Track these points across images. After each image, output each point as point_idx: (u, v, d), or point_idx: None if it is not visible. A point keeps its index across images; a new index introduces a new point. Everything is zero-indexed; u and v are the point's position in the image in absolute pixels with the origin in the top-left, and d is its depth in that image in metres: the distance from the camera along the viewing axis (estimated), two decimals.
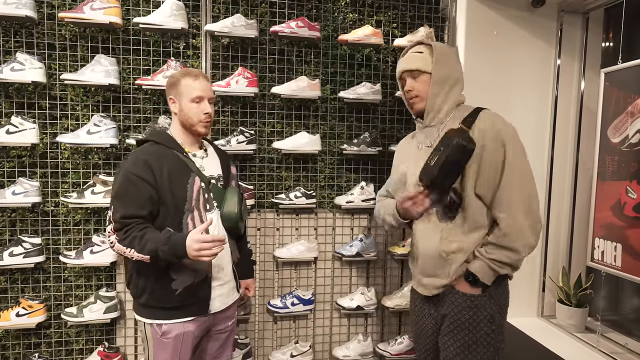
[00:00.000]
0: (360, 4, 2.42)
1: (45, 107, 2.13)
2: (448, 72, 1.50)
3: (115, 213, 1.44)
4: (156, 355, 1.53)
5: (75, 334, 2.22)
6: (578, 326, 2.32)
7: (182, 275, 1.49)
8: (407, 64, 1.53)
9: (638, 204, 1.87)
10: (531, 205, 1.42)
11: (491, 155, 1.41)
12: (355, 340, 2.39)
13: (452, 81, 1.51)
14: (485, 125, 1.43)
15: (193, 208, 1.51)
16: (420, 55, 1.52)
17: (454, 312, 1.47)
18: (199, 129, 1.57)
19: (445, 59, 1.50)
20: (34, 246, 2.04)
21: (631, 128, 1.91)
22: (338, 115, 2.43)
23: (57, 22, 2.10)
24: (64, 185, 2.17)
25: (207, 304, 1.55)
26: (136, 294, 1.52)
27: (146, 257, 1.40)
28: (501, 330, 1.48)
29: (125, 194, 1.45)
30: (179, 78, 1.56)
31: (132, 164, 1.48)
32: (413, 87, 1.52)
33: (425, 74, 1.50)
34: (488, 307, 1.45)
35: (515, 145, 1.44)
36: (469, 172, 1.42)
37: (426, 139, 1.56)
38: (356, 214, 2.44)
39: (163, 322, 1.51)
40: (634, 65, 1.91)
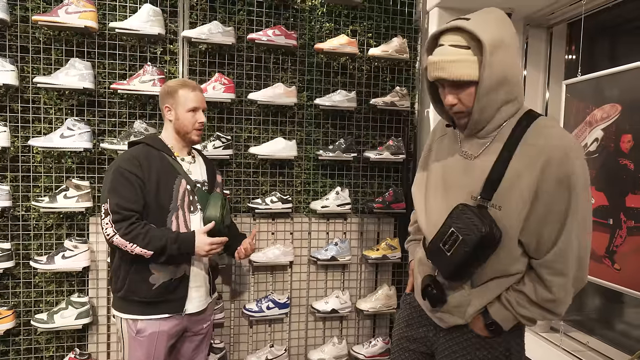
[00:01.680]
0: (336, 14, 2.48)
1: (16, 110, 2.11)
2: (503, 72, 1.05)
3: (113, 204, 1.49)
4: (131, 353, 1.56)
5: (46, 341, 2.18)
6: (543, 326, 2.42)
7: (160, 272, 1.54)
8: (447, 72, 1.06)
9: (596, 208, 1.97)
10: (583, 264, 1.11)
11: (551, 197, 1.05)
12: (330, 343, 2.42)
13: (509, 85, 1.07)
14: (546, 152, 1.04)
15: (178, 208, 1.59)
16: (464, 55, 1.05)
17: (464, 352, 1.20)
18: (193, 136, 1.67)
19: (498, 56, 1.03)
20: (3, 251, 2.01)
21: (589, 137, 2.02)
22: (314, 121, 2.48)
23: (30, 25, 2.09)
24: (36, 189, 2.14)
25: (183, 303, 1.59)
26: (116, 288, 1.56)
27: (149, 252, 1.47)
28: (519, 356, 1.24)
29: (119, 187, 1.51)
30: (176, 88, 1.64)
31: (123, 161, 1.55)
32: (459, 100, 1.09)
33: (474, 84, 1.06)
34: (504, 342, 1.18)
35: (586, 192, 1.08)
36: None
37: (468, 148, 1.18)
38: (331, 219, 2.48)
39: (138, 318, 1.54)
40: (591, 78, 2.02)
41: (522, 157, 1.07)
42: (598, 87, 1.99)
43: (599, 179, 1.96)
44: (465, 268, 1.12)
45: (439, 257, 1.15)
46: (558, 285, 1.09)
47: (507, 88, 1.07)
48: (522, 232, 1.08)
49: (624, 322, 2.26)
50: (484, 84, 1.04)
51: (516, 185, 1.07)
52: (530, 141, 1.07)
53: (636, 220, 1.77)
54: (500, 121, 1.11)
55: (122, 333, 1.58)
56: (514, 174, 1.07)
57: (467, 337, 1.20)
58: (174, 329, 1.60)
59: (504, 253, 1.10)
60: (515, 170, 1.07)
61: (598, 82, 1.99)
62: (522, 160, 1.07)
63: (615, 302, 2.31)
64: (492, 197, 1.09)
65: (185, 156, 1.70)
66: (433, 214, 1.21)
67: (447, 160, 1.22)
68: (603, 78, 1.96)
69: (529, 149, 1.07)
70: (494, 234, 1.05)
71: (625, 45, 2.33)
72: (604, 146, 1.93)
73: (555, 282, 1.09)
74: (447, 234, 1.11)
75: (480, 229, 1.04)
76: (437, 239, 1.14)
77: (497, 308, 1.15)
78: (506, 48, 1.05)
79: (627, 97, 1.83)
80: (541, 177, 1.04)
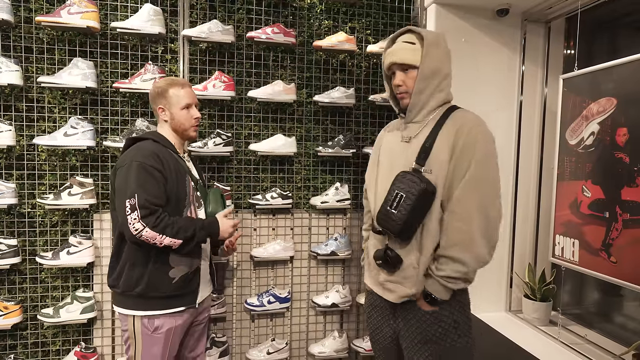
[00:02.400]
0: (334, 11, 2.51)
1: (21, 109, 2.15)
2: (437, 65, 1.39)
3: (142, 199, 1.46)
4: (145, 350, 1.55)
5: (52, 335, 2.23)
6: (542, 319, 2.44)
7: (179, 265, 1.57)
8: (397, 56, 1.40)
9: (593, 202, 1.99)
10: (490, 219, 1.32)
11: (462, 161, 1.32)
12: (330, 337, 2.45)
13: (441, 76, 1.40)
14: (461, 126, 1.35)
15: (190, 203, 1.63)
16: (411, 47, 1.39)
17: (418, 330, 1.39)
18: (191, 133, 1.69)
19: (436, 51, 1.38)
20: (9, 247, 2.06)
21: (586, 131, 2.03)
22: (313, 118, 2.51)
23: (34, 26, 2.13)
24: (41, 187, 2.19)
25: (196, 294, 1.64)
26: (129, 287, 1.53)
27: (178, 241, 1.50)
28: (467, 330, 1.42)
29: (146, 183, 1.49)
30: (166, 88, 1.64)
31: (144, 157, 1.52)
32: (404, 82, 1.41)
33: (416, 69, 1.38)
34: (449, 314, 1.38)
35: (489, 156, 1.35)
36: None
37: (406, 132, 1.45)
38: (331, 214, 2.51)
39: (156, 314, 1.55)
40: (588, 72, 2.03)
41: (444, 133, 1.37)
42: (594, 81, 2.00)
43: (595, 173, 1.97)
44: (410, 223, 1.33)
45: (387, 219, 1.35)
46: (459, 230, 1.30)
47: (438, 79, 1.40)
48: (444, 192, 1.34)
49: (621, 315, 2.27)
50: (423, 69, 1.37)
51: (440, 152, 1.35)
52: (450, 122, 1.38)
53: (632, 213, 1.78)
54: (432, 107, 1.42)
55: (135, 332, 1.56)
56: (439, 144, 1.36)
57: (419, 317, 1.39)
58: (187, 322, 1.64)
59: (435, 214, 1.33)
60: (440, 142, 1.36)
61: (594, 76, 2.00)
62: (444, 135, 1.36)
63: (613, 295, 2.33)
64: (425, 164, 1.36)
65: (183, 155, 1.73)
66: (380, 189, 1.46)
67: (391, 147, 1.50)
68: (599, 72, 1.97)
69: (449, 126, 1.37)
70: (430, 188, 1.31)
71: (622, 39, 2.34)
72: (600, 140, 1.94)
73: (456, 226, 1.31)
74: (392, 197, 1.34)
75: (419, 184, 1.30)
76: (384, 204, 1.37)
77: (429, 281, 1.36)
78: (441, 50, 1.40)
79: (622, 91, 1.84)
80: (454, 144, 1.34)
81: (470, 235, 1.30)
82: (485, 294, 2.60)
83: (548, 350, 2.14)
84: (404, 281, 1.39)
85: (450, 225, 1.32)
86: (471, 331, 1.44)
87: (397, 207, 1.33)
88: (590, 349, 2.17)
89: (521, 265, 2.65)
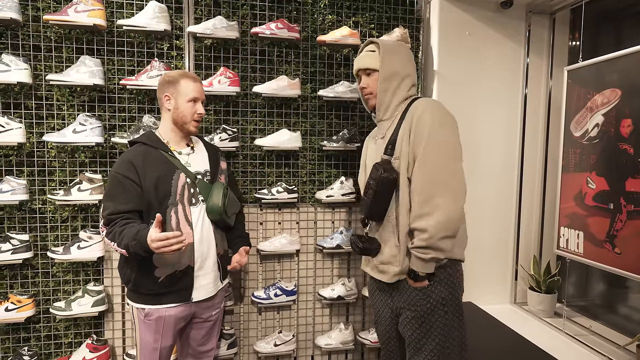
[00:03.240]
0: (338, 5, 2.51)
1: (31, 107, 2.19)
2: (395, 68, 1.59)
3: (104, 210, 1.60)
4: (141, 335, 1.65)
5: (64, 328, 2.28)
6: (547, 311, 2.45)
7: (164, 266, 1.59)
8: (361, 62, 1.65)
9: (597, 193, 1.99)
10: (449, 183, 1.42)
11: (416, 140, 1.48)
12: (336, 329, 2.48)
13: (400, 77, 1.60)
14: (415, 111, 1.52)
15: (177, 202, 1.61)
16: (372, 54, 1.62)
17: (409, 305, 1.53)
18: (190, 127, 1.70)
19: (391, 57, 1.59)
20: (21, 243, 2.10)
21: (590, 122, 2.03)
22: (318, 113, 2.52)
23: (42, 24, 2.16)
24: (51, 183, 2.23)
25: (189, 292, 1.65)
26: (124, 281, 1.66)
27: (123, 250, 1.53)
28: (457, 309, 1.54)
29: (112, 192, 1.60)
30: (177, 78, 1.68)
31: (118, 166, 1.62)
32: (367, 85, 1.64)
33: (377, 72, 1.60)
34: (438, 292, 1.51)
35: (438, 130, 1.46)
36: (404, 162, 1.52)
37: (379, 132, 1.66)
38: (336, 208, 2.54)
39: (146, 307, 1.62)
40: (592, 64, 2.03)
41: (405, 122, 1.54)
42: (599, 72, 2.00)
43: (600, 164, 1.98)
44: (375, 206, 1.53)
45: (363, 207, 1.59)
46: (419, 202, 1.44)
47: (397, 80, 1.59)
48: (409, 171, 1.50)
49: (625, 306, 2.28)
50: (382, 72, 1.59)
51: (402, 140, 1.52)
52: (409, 112, 1.55)
53: (636, 204, 1.79)
54: (395, 103, 1.61)
55: (134, 319, 1.68)
56: (401, 133, 1.54)
57: (409, 293, 1.53)
58: (181, 315, 1.66)
59: (405, 194, 1.50)
60: (402, 131, 1.54)
61: (598, 68, 2.00)
62: (404, 124, 1.54)
63: (617, 286, 2.34)
64: (393, 153, 1.54)
65: (183, 148, 1.72)
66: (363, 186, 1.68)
67: (371, 147, 1.71)
68: (603, 63, 1.97)
69: (408, 116, 1.54)
70: (389, 175, 1.49)
71: (627, 30, 2.32)
72: (605, 131, 1.95)
73: (417, 200, 1.45)
74: (366, 188, 1.56)
75: (379, 172, 1.49)
76: (363, 195, 1.61)
77: (412, 258, 1.48)
78: (399, 56, 1.61)
79: (626, 82, 1.84)
80: (409, 129, 1.50)
81: (432, 204, 1.42)
82: (490, 287, 2.61)
83: (553, 342, 2.15)
84: (392, 260, 1.55)
85: (413, 200, 1.47)
86: (460, 311, 1.57)
87: (367, 194, 1.55)
88: (594, 340, 2.18)
89: (526, 258, 2.66)
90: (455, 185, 1.44)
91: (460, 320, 1.56)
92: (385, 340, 1.72)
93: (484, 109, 2.54)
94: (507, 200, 2.61)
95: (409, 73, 1.62)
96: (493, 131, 2.56)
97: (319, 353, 2.56)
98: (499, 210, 2.60)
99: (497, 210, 2.60)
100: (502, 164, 2.59)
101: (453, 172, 1.45)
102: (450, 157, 1.46)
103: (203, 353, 1.81)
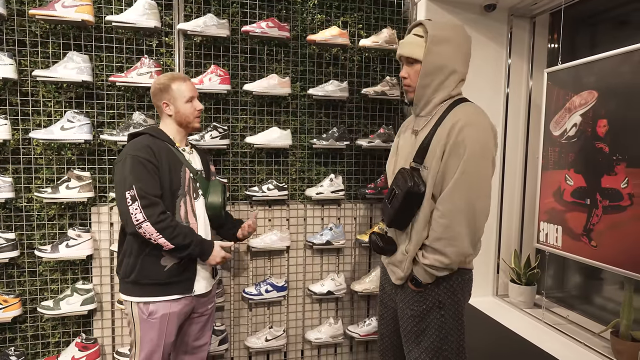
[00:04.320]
0: (327, 5, 2.55)
1: (15, 103, 2.14)
2: (441, 61, 1.40)
3: (138, 188, 1.53)
4: (143, 335, 1.63)
5: (51, 327, 2.25)
6: (527, 302, 2.56)
7: (171, 254, 1.62)
8: (404, 49, 1.45)
9: (575, 190, 2.10)
10: (475, 217, 1.37)
11: (451, 159, 1.37)
12: (326, 324, 2.53)
13: (445, 72, 1.41)
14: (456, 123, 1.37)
15: (185, 194, 1.67)
16: (418, 40, 1.41)
17: (408, 304, 1.53)
18: (195, 124, 1.76)
19: (439, 47, 1.38)
20: (7, 241, 2.06)
21: (569, 122, 2.13)
22: (308, 111, 2.56)
23: (27, 19, 2.12)
24: (37, 180, 2.19)
25: (191, 283, 1.68)
26: (126, 273, 1.63)
27: (171, 246, 1.55)
28: (454, 312, 1.50)
29: (140, 174, 1.55)
30: (168, 83, 1.70)
31: (137, 149, 1.59)
32: (408, 75, 1.46)
33: (419, 63, 1.41)
34: (435, 294, 1.48)
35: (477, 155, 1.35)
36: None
37: (416, 124, 1.53)
38: (326, 205, 2.58)
39: (150, 300, 1.61)
40: (570, 66, 2.13)
41: (441, 129, 1.40)
42: (577, 75, 2.10)
43: (578, 162, 2.08)
44: (400, 216, 1.45)
45: (384, 211, 1.52)
46: (442, 225, 1.37)
47: (442, 76, 1.42)
48: (435, 186, 1.40)
49: (600, 297, 2.41)
50: (425, 65, 1.40)
51: (436, 149, 1.40)
52: (449, 118, 1.40)
53: (611, 199, 1.89)
54: (437, 102, 1.46)
55: (133, 316, 1.64)
56: (435, 141, 1.41)
57: (409, 294, 1.52)
58: (184, 310, 1.69)
59: (426, 207, 1.41)
60: (436, 139, 1.40)
61: (577, 70, 2.10)
62: (440, 132, 1.40)
63: (592, 278, 2.46)
64: (423, 161, 1.43)
65: (185, 147, 1.79)
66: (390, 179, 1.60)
67: (405, 139, 1.59)
68: (581, 66, 2.07)
69: (447, 123, 1.39)
70: (418, 187, 1.39)
71: (603, 35, 2.44)
72: (582, 131, 2.05)
73: (441, 222, 1.38)
74: (390, 192, 1.47)
75: (408, 184, 1.39)
76: (385, 197, 1.51)
77: (416, 266, 1.47)
78: (448, 45, 1.39)
79: (603, 84, 1.94)
80: (447, 140, 1.37)
81: (454, 232, 1.37)
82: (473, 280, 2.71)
83: (533, 331, 2.25)
84: (399, 264, 1.54)
85: (436, 221, 1.39)
86: (460, 315, 1.52)
87: (391, 202, 1.46)
88: (572, 329, 2.30)
89: (507, 252, 2.76)
90: (480, 221, 1.39)
91: (458, 324, 1.52)
92: (383, 336, 1.73)
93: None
94: None
95: (456, 68, 1.42)
96: None
97: (308, 347, 2.61)
98: None
99: None
100: None
101: (481, 208, 1.38)
102: (483, 190, 1.38)
103: (197, 348, 1.83)
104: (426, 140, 1.43)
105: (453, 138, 1.36)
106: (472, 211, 1.37)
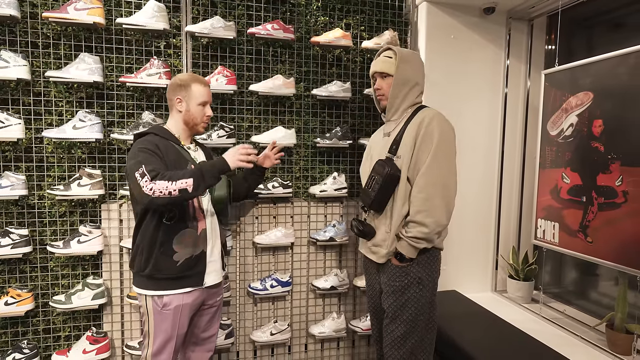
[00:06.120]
0: (330, 8, 2.61)
1: (28, 103, 2.20)
2: (408, 76, 1.79)
3: (148, 167, 1.56)
4: (157, 326, 1.69)
5: (62, 322, 2.31)
6: (525, 298, 2.63)
7: (183, 249, 1.68)
8: (378, 66, 1.83)
9: (571, 188, 2.17)
10: (447, 190, 1.68)
11: (423, 146, 1.68)
12: (329, 318, 2.60)
13: (410, 84, 1.80)
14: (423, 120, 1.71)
15: None
16: (389, 60, 1.81)
17: (390, 281, 1.76)
18: (200, 128, 1.82)
19: (406, 65, 1.78)
20: (21, 237, 2.12)
21: (565, 122, 2.20)
22: (311, 111, 2.62)
23: (39, 21, 2.17)
24: (48, 178, 2.25)
25: (202, 276, 1.75)
26: (140, 267, 1.69)
27: (190, 181, 1.54)
28: (430, 288, 1.77)
29: (149, 157, 1.60)
30: (189, 82, 1.77)
31: (144, 143, 1.65)
32: (381, 87, 1.84)
33: (391, 77, 1.79)
34: (416, 272, 1.73)
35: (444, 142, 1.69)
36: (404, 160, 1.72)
37: (386, 129, 1.87)
38: (329, 202, 2.64)
39: (164, 293, 1.68)
40: (567, 68, 2.20)
41: (411, 126, 1.74)
42: (573, 76, 2.17)
43: (574, 161, 2.15)
44: (380, 198, 1.73)
45: (365, 197, 1.80)
46: (421, 199, 1.66)
47: (408, 87, 1.80)
48: (409, 170, 1.70)
49: (595, 292, 2.48)
50: (396, 77, 1.78)
51: (407, 141, 1.72)
52: (416, 117, 1.76)
53: (606, 197, 1.96)
54: (405, 107, 1.82)
55: (147, 309, 1.71)
56: (406, 136, 1.73)
57: (392, 270, 1.76)
58: (195, 302, 1.76)
59: (402, 189, 1.70)
60: (407, 134, 1.73)
61: (573, 72, 2.17)
62: (410, 128, 1.74)
63: (588, 274, 2.53)
64: (396, 152, 1.74)
65: (190, 145, 1.84)
66: (365, 177, 1.88)
67: (376, 142, 1.92)
68: (578, 68, 2.14)
69: (415, 121, 1.74)
70: (394, 172, 1.70)
71: (599, 37, 2.51)
72: (578, 131, 2.12)
73: (419, 197, 1.67)
74: (370, 180, 1.77)
75: (386, 169, 1.70)
76: (365, 186, 1.82)
77: (400, 242, 1.71)
78: (412, 65, 1.80)
79: (598, 86, 2.01)
80: (417, 132, 1.70)
81: (432, 204, 1.65)
82: (472, 276, 2.78)
83: (531, 325, 2.33)
84: (382, 243, 1.78)
85: (416, 197, 1.68)
86: (434, 290, 1.80)
87: (371, 187, 1.76)
88: (569, 322, 2.37)
89: (506, 248, 2.83)
90: (450, 193, 1.70)
91: (432, 297, 1.79)
92: (372, 312, 1.97)
93: (467, 108, 2.69)
94: (488, 195, 2.78)
95: (418, 81, 1.82)
96: (476, 129, 2.72)
97: (312, 341, 2.67)
98: (481, 204, 2.77)
99: (479, 205, 2.76)
100: (483, 161, 2.75)
101: (451, 183, 1.70)
102: (450, 169, 1.71)
103: (206, 339, 1.89)
104: (398, 136, 1.76)
105: (423, 130, 1.69)
106: (445, 185, 1.68)
